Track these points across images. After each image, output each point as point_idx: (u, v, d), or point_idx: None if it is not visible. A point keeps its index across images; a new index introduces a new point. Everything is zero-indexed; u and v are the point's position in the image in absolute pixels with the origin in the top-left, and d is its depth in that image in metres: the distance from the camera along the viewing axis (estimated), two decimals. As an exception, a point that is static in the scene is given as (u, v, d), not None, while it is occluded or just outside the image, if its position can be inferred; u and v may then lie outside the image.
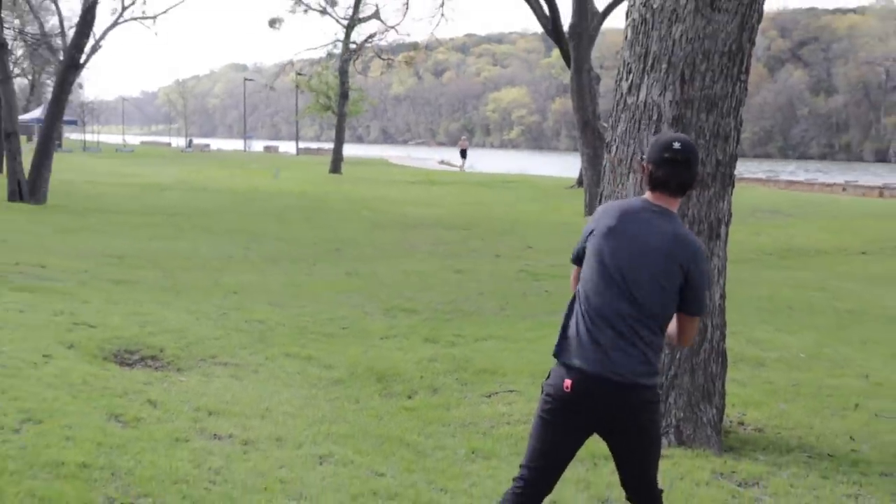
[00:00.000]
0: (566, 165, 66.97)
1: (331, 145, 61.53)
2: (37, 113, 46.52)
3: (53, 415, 7.31)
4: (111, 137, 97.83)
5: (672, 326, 4.82)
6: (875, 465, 7.66)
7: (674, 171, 4.72)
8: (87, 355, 9.36)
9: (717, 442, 7.77)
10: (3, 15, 33.04)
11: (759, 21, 7.86)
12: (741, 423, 8.33)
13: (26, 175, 25.44)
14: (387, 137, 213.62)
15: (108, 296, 12.57)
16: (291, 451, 7.13)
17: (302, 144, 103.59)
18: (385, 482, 6.61)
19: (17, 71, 54.72)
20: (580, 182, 37.21)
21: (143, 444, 6.93)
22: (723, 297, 8.01)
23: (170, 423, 7.47)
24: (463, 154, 73.13)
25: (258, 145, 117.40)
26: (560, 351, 4.73)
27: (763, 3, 7.86)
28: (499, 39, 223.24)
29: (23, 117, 38.44)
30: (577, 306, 4.78)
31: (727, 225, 7.94)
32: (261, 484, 6.40)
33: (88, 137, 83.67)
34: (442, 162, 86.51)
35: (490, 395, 9.06)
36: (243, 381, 9.07)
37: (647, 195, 4.83)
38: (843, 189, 54.64)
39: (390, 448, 7.36)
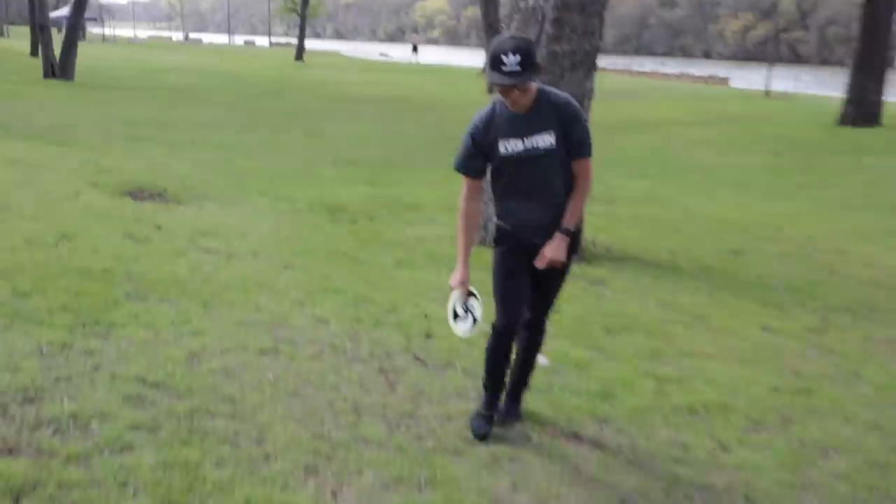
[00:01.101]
0: (474, 58, 66.05)
1: (296, 40, 60.07)
2: (64, 11, 44.64)
3: (83, 235, 7.27)
4: (124, 32, 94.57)
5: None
6: (687, 272, 7.92)
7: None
8: (108, 192, 9.26)
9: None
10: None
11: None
12: (593, 244, 8.47)
13: (57, 58, 24.66)
14: (338, 35, 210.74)
15: (123, 149, 12.38)
16: (264, 262, 7.18)
17: (273, 39, 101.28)
18: (333, 282, 6.69)
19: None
20: (484, 70, 37.03)
21: (151, 256, 6.93)
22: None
23: (171, 242, 7.46)
24: (415, 49, 71.64)
25: (239, 39, 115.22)
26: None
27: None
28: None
29: (53, 14, 37.00)
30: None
31: (590, 99, 8.01)
32: (241, 283, 6.45)
33: (106, 31, 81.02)
34: (381, 54, 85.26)
35: (412, 222, 9.14)
36: (228, 212, 9.04)
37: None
38: (678, 77, 54.78)
39: (337, 259, 7.44)
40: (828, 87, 42.90)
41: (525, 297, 4.36)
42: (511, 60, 3.77)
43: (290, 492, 3.68)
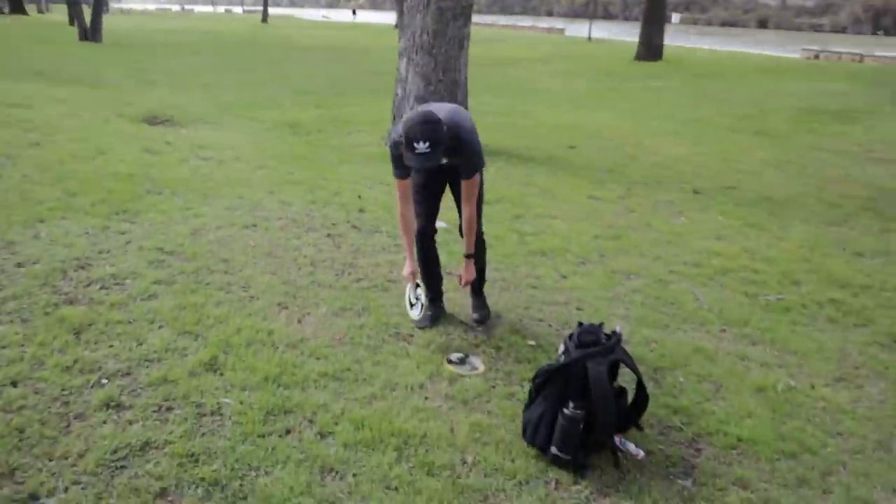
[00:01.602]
0: (390, 17, 63.43)
1: (262, 8, 56.41)
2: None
3: (113, 150, 6.84)
4: (136, 5, 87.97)
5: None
6: (538, 160, 7.88)
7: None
8: (130, 120, 8.68)
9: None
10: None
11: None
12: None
13: (88, 25, 22.71)
14: (293, 3, 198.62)
15: (139, 88, 11.59)
16: (244, 165, 6.87)
17: (246, 7, 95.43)
18: (294, 176, 6.46)
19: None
20: (396, 25, 35.62)
21: (163, 164, 6.58)
22: (466, 79, 7.84)
23: (177, 153, 7.07)
24: (354, 13, 68.00)
25: (221, 8, 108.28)
26: None
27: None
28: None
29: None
30: None
31: (468, 41, 7.68)
32: (228, 180, 6.19)
33: (123, 6, 75.28)
34: (323, 16, 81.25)
35: (350, 133, 8.85)
36: (217, 132, 8.59)
37: None
38: (530, 29, 53.60)
39: (297, 161, 7.17)
40: (629, 35, 42.69)
41: (434, 207, 3.69)
42: (421, 146, 2.99)
43: (269, 321, 3.62)
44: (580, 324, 2.89)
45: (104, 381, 2.98)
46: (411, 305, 3.69)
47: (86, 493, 2.37)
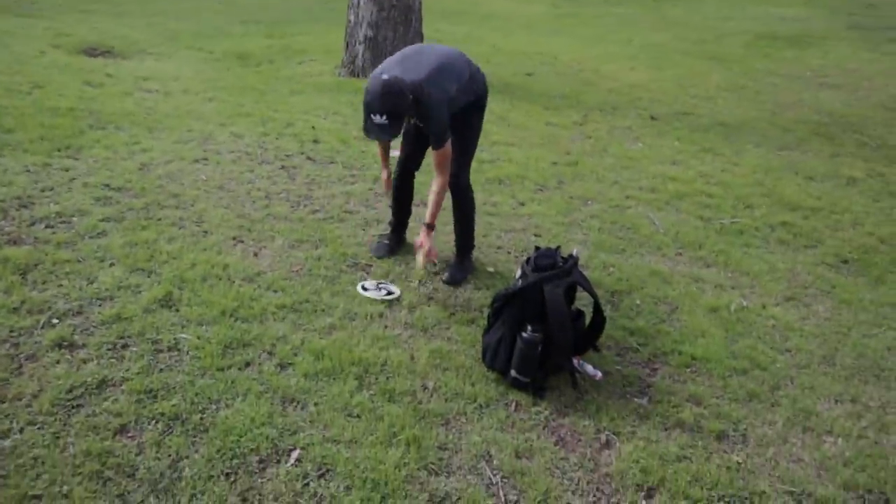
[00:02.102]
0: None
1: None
2: None
3: (50, 83, 6.46)
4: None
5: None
6: (495, 87, 7.52)
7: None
8: (68, 51, 8.19)
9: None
10: None
11: None
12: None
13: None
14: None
15: (76, 18, 10.90)
16: (193, 97, 6.59)
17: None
18: (245, 109, 6.22)
19: None
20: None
21: (105, 97, 6.25)
22: (420, 4, 7.58)
23: (120, 85, 6.73)
24: None
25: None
26: None
27: None
28: None
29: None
30: None
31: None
32: (175, 113, 5.93)
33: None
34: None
35: (301, 63, 8.53)
36: (163, 62, 8.19)
37: None
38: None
39: (247, 92, 6.89)
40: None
41: (419, 146, 3.53)
42: (378, 119, 2.85)
43: (224, 255, 3.54)
44: (537, 248, 2.90)
45: (55, 321, 2.90)
46: (364, 289, 3.32)
47: (42, 432, 2.32)
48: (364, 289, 3.32)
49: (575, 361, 2.83)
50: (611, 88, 8.10)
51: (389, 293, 3.31)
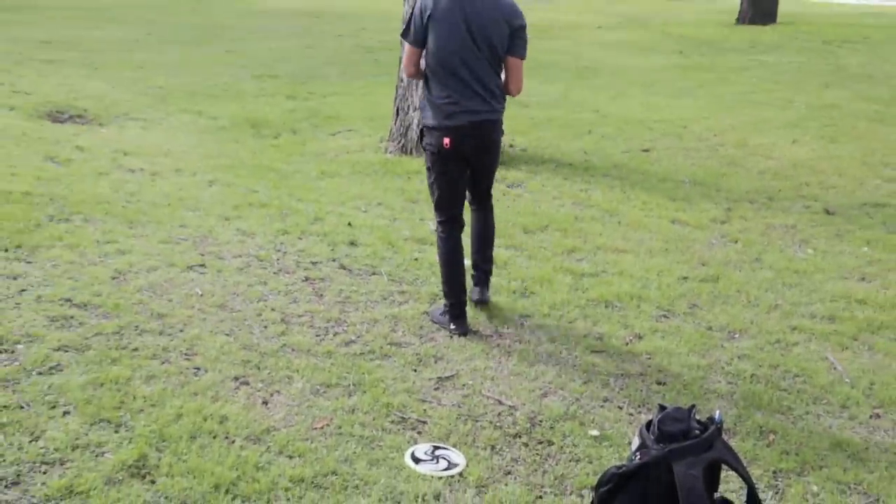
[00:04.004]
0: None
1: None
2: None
3: (1, 159, 6.95)
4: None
5: (502, 78, 4.41)
6: (599, 169, 7.90)
7: None
8: (25, 115, 8.85)
9: (494, 159, 7.85)
10: None
11: None
12: (511, 146, 8.40)
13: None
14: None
15: (39, 71, 11.80)
16: (188, 178, 6.97)
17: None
18: (258, 196, 6.53)
19: None
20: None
21: (73, 177, 6.68)
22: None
23: (94, 162, 7.18)
24: None
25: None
26: (430, 116, 4.36)
27: None
28: None
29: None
30: (431, 78, 4.33)
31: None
32: (165, 201, 6.27)
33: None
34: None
35: (334, 134, 8.96)
36: (150, 131, 8.74)
37: None
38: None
39: (262, 173, 7.25)
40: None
41: (462, 190, 4.56)
42: None
43: (222, 402, 3.62)
44: (662, 407, 2.86)
45: (-16, 492, 2.98)
46: (415, 459, 3.34)
47: None
48: (415, 458, 3.31)
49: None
50: (764, 170, 8.15)
51: (450, 465, 3.30)
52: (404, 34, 4.43)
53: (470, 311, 4.61)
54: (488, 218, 4.77)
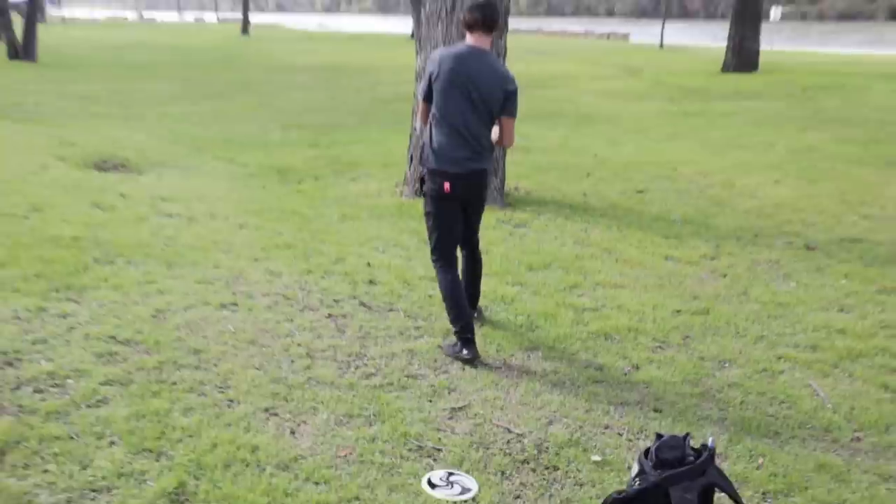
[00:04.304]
0: (403, 24, 65.15)
1: (240, 15, 58.17)
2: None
3: (52, 206, 7.04)
4: (81, 13, 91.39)
5: (495, 132, 4.59)
6: (598, 210, 7.93)
7: (483, 13, 4.40)
8: (74, 165, 8.96)
9: (500, 201, 7.90)
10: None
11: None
12: (516, 189, 8.45)
13: (20, 40, 23.73)
14: (280, 8, 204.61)
15: (86, 124, 11.99)
16: (221, 222, 7.03)
17: (220, 15, 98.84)
18: (284, 238, 6.58)
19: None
20: (413, 35, 36.30)
21: (117, 222, 6.74)
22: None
23: (135, 208, 7.26)
24: None
25: (189, 16, 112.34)
26: (433, 161, 4.53)
27: None
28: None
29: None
30: (434, 130, 4.52)
31: (503, 57, 7.87)
32: (200, 244, 6.32)
33: (65, 13, 78.21)
34: (319, 25, 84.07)
35: (354, 179, 9.02)
36: (186, 178, 8.83)
37: (468, 39, 4.49)
38: (585, 35, 54.65)
39: (287, 217, 7.31)
40: (714, 38, 43.29)
41: (459, 233, 4.71)
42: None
43: (253, 432, 3.64)
44: (659, 435, 2.87)
45: (38, 517, 3.01)
46: (431, 484, 3.37)
47: None
48: (431, 484, 3.32)
49: None
50: (749, 209, 8.17)
51: (464, 489, 3.30)
52: (418, 90, 4.66)
53: (481, 341, 4.64)
54: (476, 260, 4.91)
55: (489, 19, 4.44)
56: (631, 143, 11.99)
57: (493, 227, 7.05)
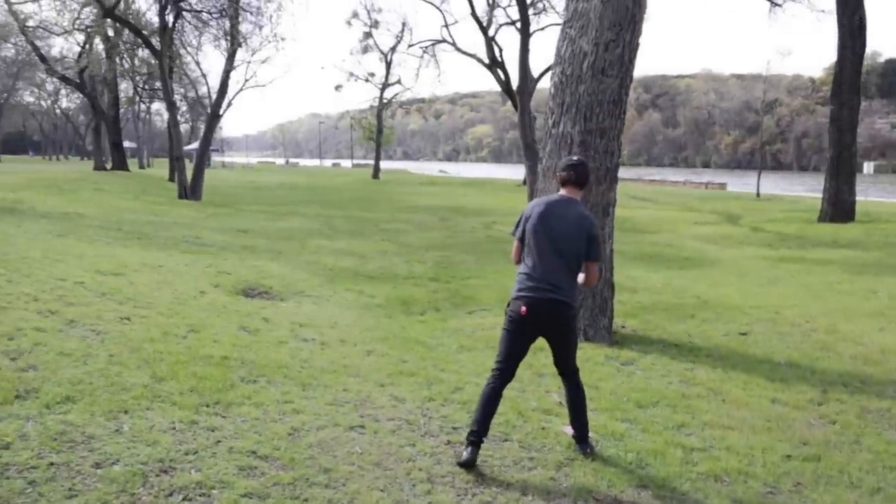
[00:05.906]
0: (515, 172, 66.60)
1: (373, 161, 60.87)
2: (194, 145, 46.21)
3: (206, 327, 7.30)
4: (239, 159, 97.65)
5: (581, 276, 4.79)
6: (702, 350, 7.66)
7: (575, 171, 4.79)
8: (226, 291, 9.35)
9: (608, 339, 7.75)
10: (174, 85, 33.26)
11: (630, 82, 7.86)
12: (623, 327, 8.28)
13: (189, 182, 25.51)
14: (406, 156, 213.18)
15: (238, 255, 12.56)
16: (350, 348, 7.12)
17: (355, 161, 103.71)
18: (408, 366, 6.60)
19: (182, 119, 54.04)
20: (525, 182, 37.01)
21: (260, 345, 6.93)
22: (612, 251, 7.97)
23: (276, 332, 7.45)
24: None
25: (328, 162, 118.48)
26: (517, 289, 4.73)
27: (633, 70, 7.81)
28: (473, 95, 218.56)
29: (186, 147, 38.46)
30: (524, 267, 4.75)
31: (614, 207, 7.91)
32: (332, 367, 6.41)
33: (225, 159, 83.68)
34: (440, 171, 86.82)
35: (471, 312, 9.05)
36: (321, 306, 9.05)
37: (562, 191, 4.85)
38: (684, 184, 54.52)
39: (411, 345, 7.35)
40: (808, 188, 42.52)
41: (516, 365, 4.83)
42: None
43: (377, 554, 3.54)
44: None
45: None
46: None
47: None
48: None
49: None
50: (855, 355, 7.71)
51: None
52: (513, 230, 4.96)
53: (592, 476, 4.46)
54: (572, 388, 4.90)
55: (581, 176, 4.82)
56: (732, 287, 11.64)
57: (601, 364, 6.88)
